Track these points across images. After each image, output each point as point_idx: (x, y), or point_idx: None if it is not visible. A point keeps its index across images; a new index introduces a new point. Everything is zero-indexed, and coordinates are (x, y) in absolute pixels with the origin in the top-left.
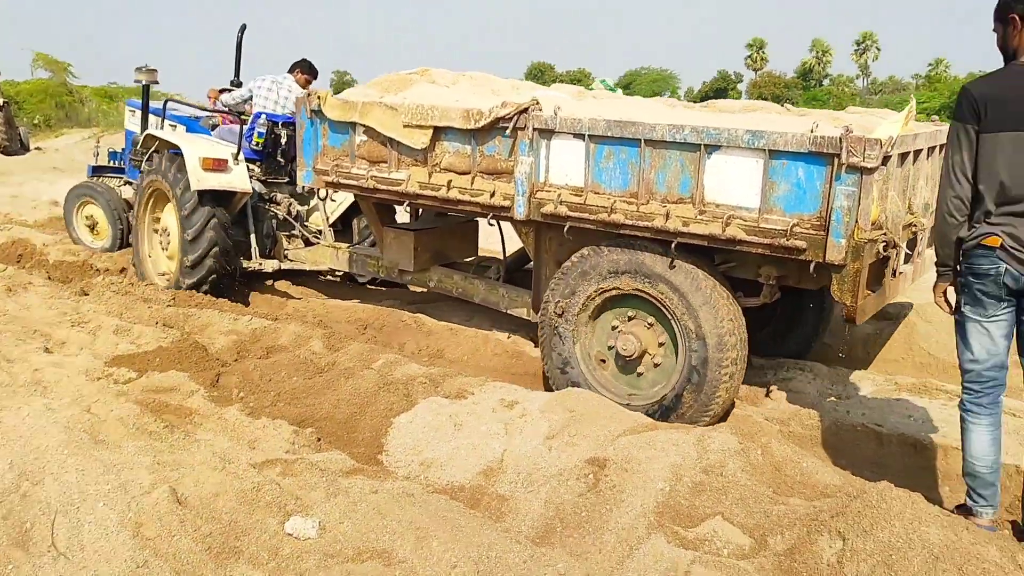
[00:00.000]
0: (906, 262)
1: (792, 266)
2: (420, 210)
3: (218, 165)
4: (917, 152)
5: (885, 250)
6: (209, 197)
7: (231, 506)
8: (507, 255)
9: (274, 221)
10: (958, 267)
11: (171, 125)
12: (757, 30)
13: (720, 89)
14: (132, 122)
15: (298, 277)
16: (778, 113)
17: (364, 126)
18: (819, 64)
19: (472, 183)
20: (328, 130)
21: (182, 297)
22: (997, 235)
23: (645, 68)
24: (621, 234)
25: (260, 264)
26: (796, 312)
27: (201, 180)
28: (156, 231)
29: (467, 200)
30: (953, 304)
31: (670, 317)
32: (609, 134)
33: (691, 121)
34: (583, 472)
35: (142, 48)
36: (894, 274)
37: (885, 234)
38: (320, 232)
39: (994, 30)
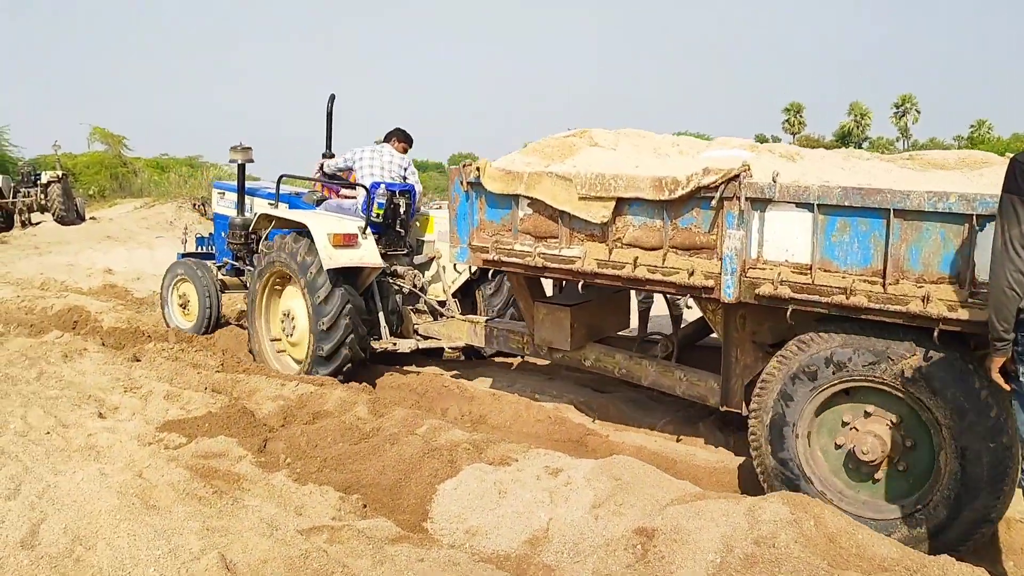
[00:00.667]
0: None
1: None
2: (564, 283)
3: (348, 241)
4: None
5: None
6: (340, 276)
7: (279, 572)
8: (677, 330)
9: (399, 296)
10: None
11: (271, 204)
12: (794, 94)
13: None
14: (222, 205)
15: None
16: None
17: (531, 199)
18: (858, 127)
19: (664, 260)
20: (485, 203)
21: (229, 363)
22: None
23: (682, 132)
24: (859, 319)
25: (394, 344)
26: None
27: (333, 258)
28: (278, 316)
29: (658, 280)
30: (1009, 377)
31: (925, 415)
32: (846, 203)
33: (934, 185)
34: (631, 542)
35: (192, 121)
36: None
37: None
38: (444, 304)
39: None
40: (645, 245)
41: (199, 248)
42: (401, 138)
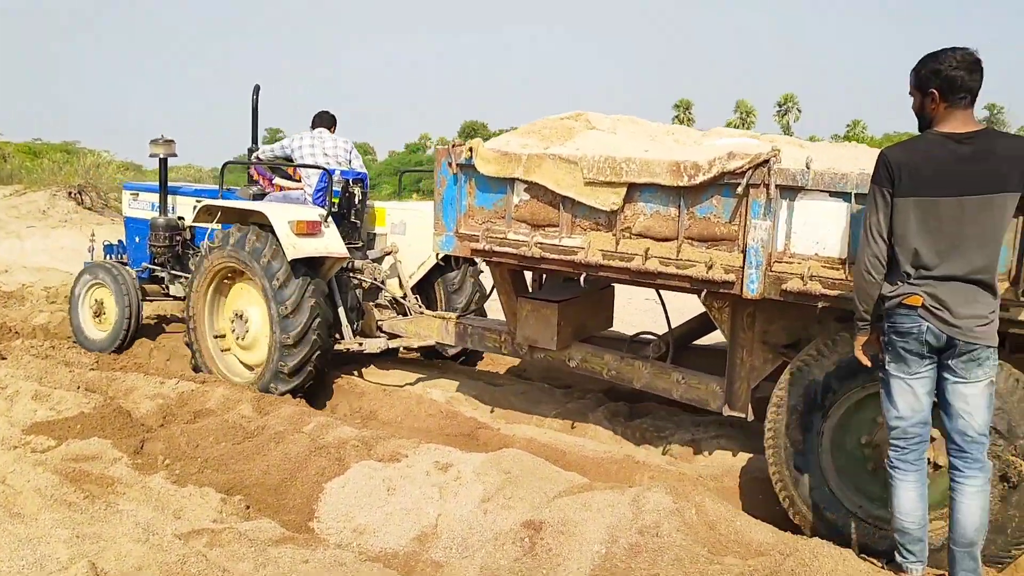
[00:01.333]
0: None
1: None
2: (544, 276)
3: (312, 228)
4: None
5: None
6: (305, 267)
7: None
8: (672, 330)
9: (358, 292)
10: (880, 323)
11: (197, 202)
12: (683, 91)
13: None
14: (135, 206)
15: None
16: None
17: (529, 183)
18: (743, 124)
19: (678, 252)
20: (475, 187)
21: (105, 361)
22: (918, 295)
23: None
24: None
25: (360, 345)
26: None
27: (297, 247)
28: (224, 317)
29: (671, 273)
30: (869, 358)
31: None
32: None
33: None
34: (519, 536)
35: (67, 104)
36: None
37: None
38: (404, 299)
39: (911, 94)
40: (657, 236)
41: (108, 258)
42: (329, 123)
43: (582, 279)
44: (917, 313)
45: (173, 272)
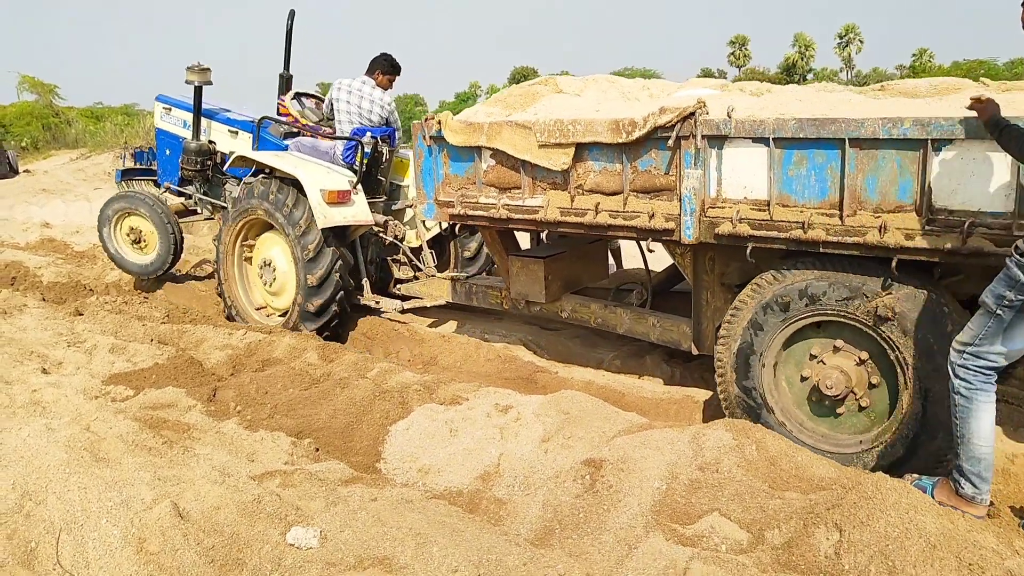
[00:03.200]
0: None
1: None
2: (542, 235)
3: (342, 198)
4: None
5: None
6: (331, 233)
7: (232, 518)
8: (651, 277)
9: (378, 247)
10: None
11: (231, 131)
12: (739, 27)
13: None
14: (167, 120)
15: None
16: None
17: (492, 150)
18: (802, 59)
19: (625, 205)
20: (449, 157)
21: (176, 314)
22: None
23: (628, 68)
24: (816, 253)
25: (377, 303)
26: None
27: (327, 216)
28: (252, 262)
29: (620, 224)
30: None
31: (888, 345)
32: (801, 135)
33: (893, 111)
34: (579, 473)
35: (129, 69)
36: None
37: None
38: (419, 251)
39: None
40: (606, 190)
41: (138, 163)
42: (386, 70)
43: (544, 235)
44: None
45: (201, 195)
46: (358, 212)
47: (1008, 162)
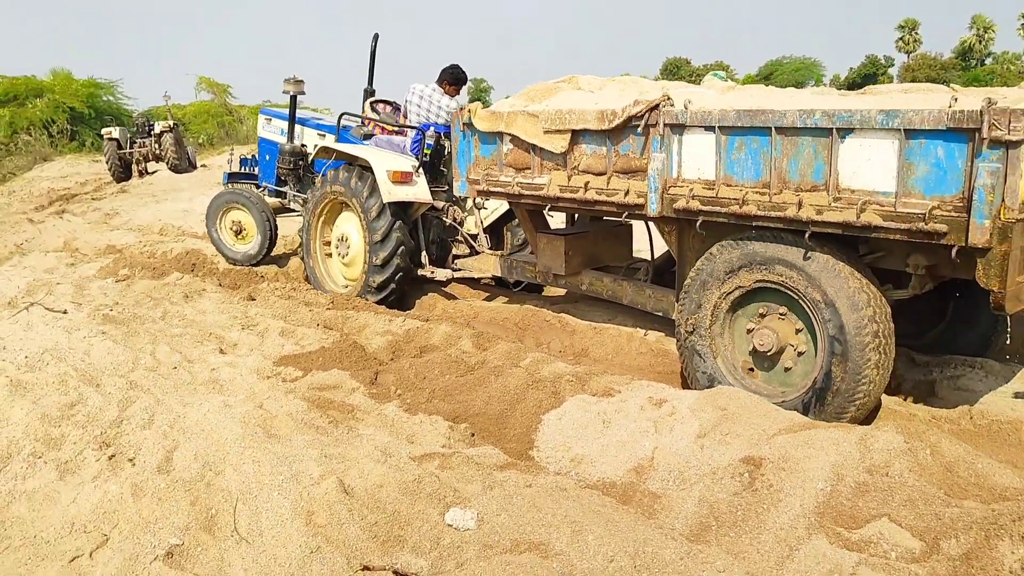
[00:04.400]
0: None
1: (944, 254)
2: (576, 216)
3: (405, 178)
4: None
5: None
6: (396, 208)
7: (394, 497)
8: (655, 256)
9: (439, 229)
10: None
11: (320, 134)
12: (909, 10)
13: (869, 75)
14: (268, 130)
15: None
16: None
17: (510, 135)
18: (980, 42)
19: (608, 183)
20: (479, 141)
21: (339, 301)
22: None
23: (787, 57)
24: (755, 226)
25: (432, 273)
26: (972, 307)
27: (391, 192)
28: (329, 242)
29: (603, 200)
30: None
31: (807, 308)
32: (739, 124)
33: (824, 105)
34: (738, 471)
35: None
36: None
37: None
38: (476, 236)
39: None
40: (595, 171)
41: (243, 168)
42: (451, 80)
43: (576, 217)
44: None
45: (295, 192)
46: (419, 191)
47: (895, 149)
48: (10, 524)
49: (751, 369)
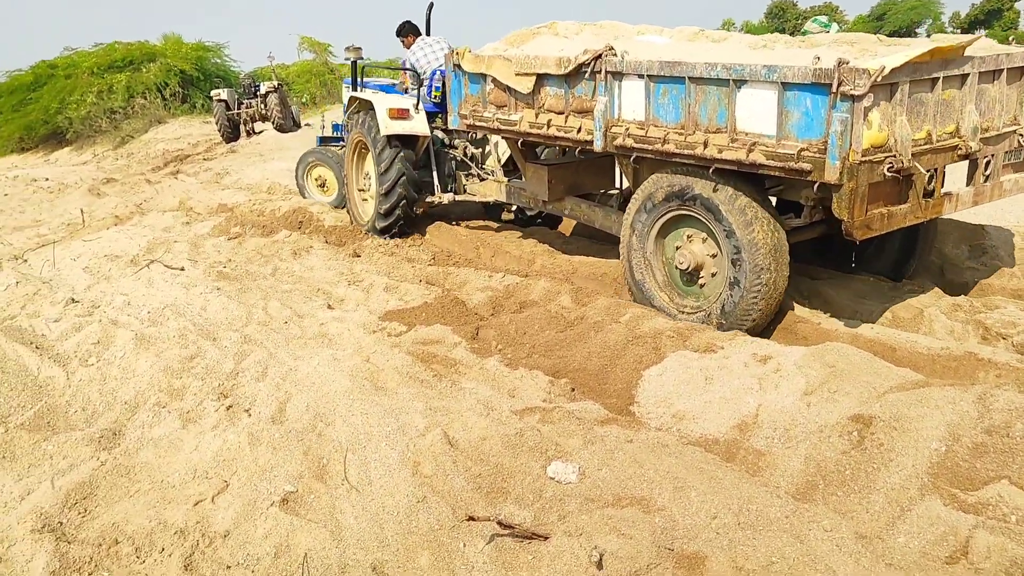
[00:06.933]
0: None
1: (827, 189)
2: (566, 149)
3: (402, 114)
4: (943, 79)
5: (893, 171)
6: (398, 141)
7: (497, 449)
8: (623, 186)
9: (453, 163)
10: None
11: (374, 92)
12: None
13: (993, 10)
14: (346, 96)
15: (544, 236)
16: (868, 44)
17: (491, 76)
18: None
19: (566, 121)
20: (468, 81)
21: (440, 257)
22: None
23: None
24: (675, 162)
25: (440, 198)
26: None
27: (389, 126)
28: (362, 175)
29: (562, 136)
30: None
31: (716, 233)
32: (663, 73)
33: (725, 60)
34: (846, 429)
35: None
36: (930, 195)
37: (894, 156)
38: (493, 172)
39: None
40: (556, 110)
41: (335, 133)
42: (418, 31)
43: (578, 151)
44: None
45: None
46: (415, 125)
47: (775, 99)
48: (139, 469)
49: (681, 286)
